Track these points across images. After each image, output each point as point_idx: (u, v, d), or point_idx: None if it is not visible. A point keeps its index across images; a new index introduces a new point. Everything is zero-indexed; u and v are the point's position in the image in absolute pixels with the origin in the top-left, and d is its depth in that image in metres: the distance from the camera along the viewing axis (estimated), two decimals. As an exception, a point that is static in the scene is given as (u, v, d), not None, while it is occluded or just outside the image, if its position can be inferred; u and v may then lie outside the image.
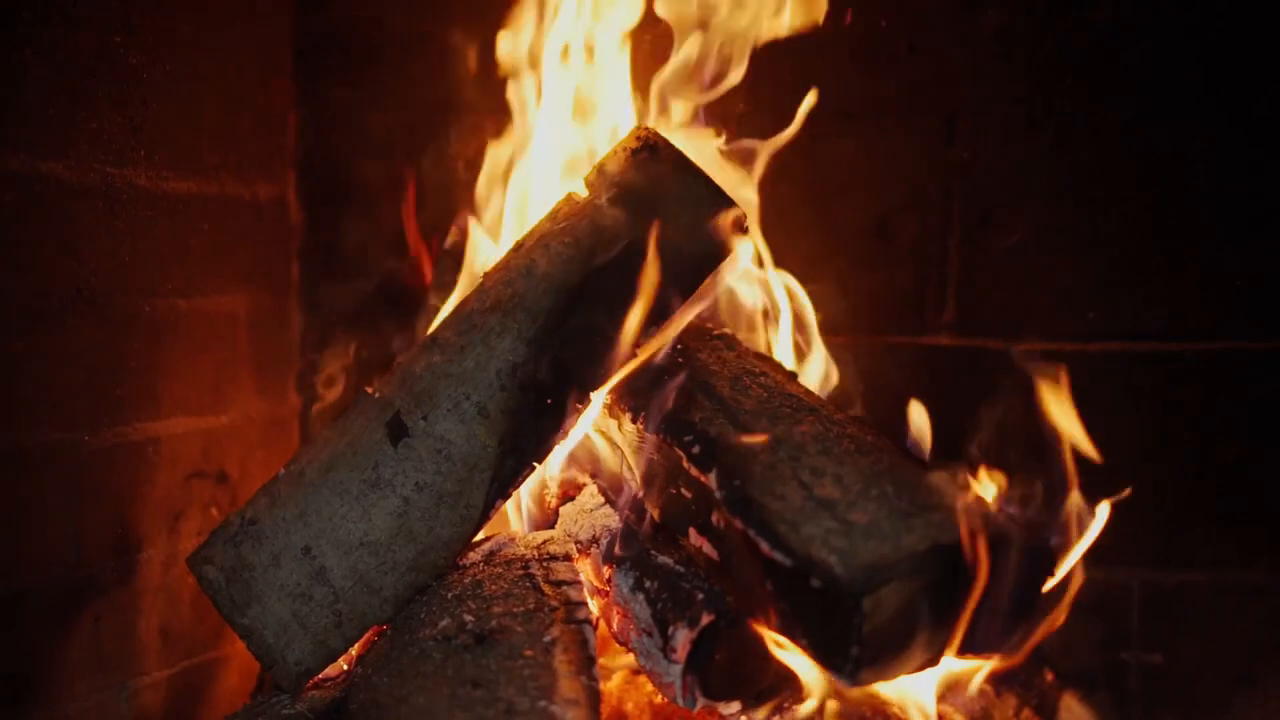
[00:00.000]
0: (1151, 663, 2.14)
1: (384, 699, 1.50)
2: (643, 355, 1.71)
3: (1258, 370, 2.09)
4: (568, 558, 1.72)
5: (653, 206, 1.70)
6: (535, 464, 1.71)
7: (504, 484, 1.68)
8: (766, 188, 2.05)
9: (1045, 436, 1.68)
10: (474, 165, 2.20)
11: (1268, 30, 2.06)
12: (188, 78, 2.04)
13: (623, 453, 1.82)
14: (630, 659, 1.75)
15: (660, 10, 2.02)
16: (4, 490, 1.74)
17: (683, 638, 1.58)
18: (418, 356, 1.71)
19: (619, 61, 2.06)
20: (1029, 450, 1.68)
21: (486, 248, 2.07)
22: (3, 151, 1.71)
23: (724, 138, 2.02)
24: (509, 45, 2.13)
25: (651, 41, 2.08)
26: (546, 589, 1.61)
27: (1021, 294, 2.18)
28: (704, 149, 2.00)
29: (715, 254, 1.73)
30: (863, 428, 1.68)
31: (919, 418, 1.73)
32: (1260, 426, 2.10)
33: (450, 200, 2.28)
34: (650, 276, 1.67)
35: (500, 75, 2.16)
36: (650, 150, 1.72)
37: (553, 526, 1.87)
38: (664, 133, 1.75)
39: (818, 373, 2.03)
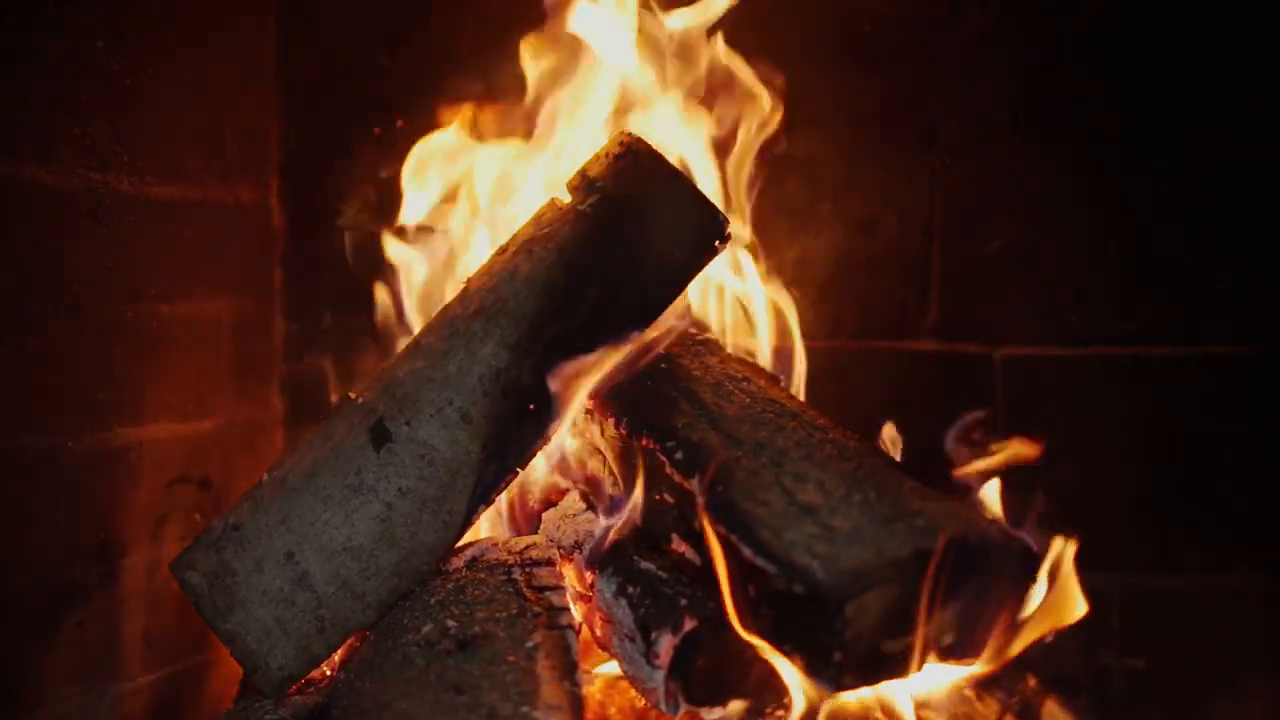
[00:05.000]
0: (1133, 667, 2.15)
1: (367, 704, 1.49)
2: (626, 361, 1.71)
3: (1239, 375, 2.10)
4: (551, 563, 1.72)
5: (636, 211, 1.69)
6: (518, 469, 1.71)
7: (487, 489, 1.68)
8: (751, 194, 2.06)
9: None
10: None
11: (1247, 38, 2.07)
12: (170, 83, 2.04)
13: (605, 458, 1.82)
14: (614, 664, 1.75)
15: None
16: (-14, 495, 1.74)
17: (665, 643, 1.58)
18: (401, 362, 1.71)
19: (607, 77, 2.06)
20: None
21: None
22: (-15, 157, 1.72)
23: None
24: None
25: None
26: (529, 594, 1.61)
27: (1004, 299, 2.19)
28: (689, 151, 2.01)
29: (699, 259, 1.73)
30: (845, 433, 1.69)
31: None
32: (1241, 431, 2.11)
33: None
34: (633, 282, 1.67)
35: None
36: (633, 155, 1.72)
37: (536, 532, 1.87)
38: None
39: (801, 378, 2.04)
